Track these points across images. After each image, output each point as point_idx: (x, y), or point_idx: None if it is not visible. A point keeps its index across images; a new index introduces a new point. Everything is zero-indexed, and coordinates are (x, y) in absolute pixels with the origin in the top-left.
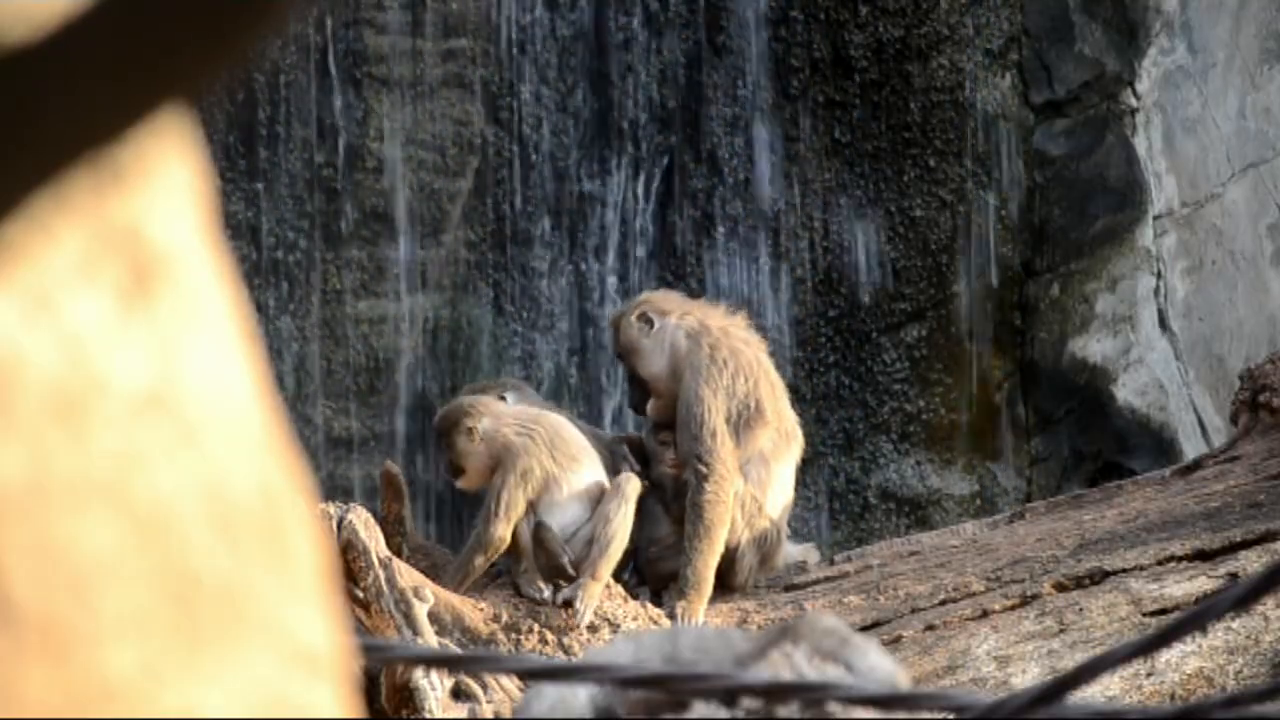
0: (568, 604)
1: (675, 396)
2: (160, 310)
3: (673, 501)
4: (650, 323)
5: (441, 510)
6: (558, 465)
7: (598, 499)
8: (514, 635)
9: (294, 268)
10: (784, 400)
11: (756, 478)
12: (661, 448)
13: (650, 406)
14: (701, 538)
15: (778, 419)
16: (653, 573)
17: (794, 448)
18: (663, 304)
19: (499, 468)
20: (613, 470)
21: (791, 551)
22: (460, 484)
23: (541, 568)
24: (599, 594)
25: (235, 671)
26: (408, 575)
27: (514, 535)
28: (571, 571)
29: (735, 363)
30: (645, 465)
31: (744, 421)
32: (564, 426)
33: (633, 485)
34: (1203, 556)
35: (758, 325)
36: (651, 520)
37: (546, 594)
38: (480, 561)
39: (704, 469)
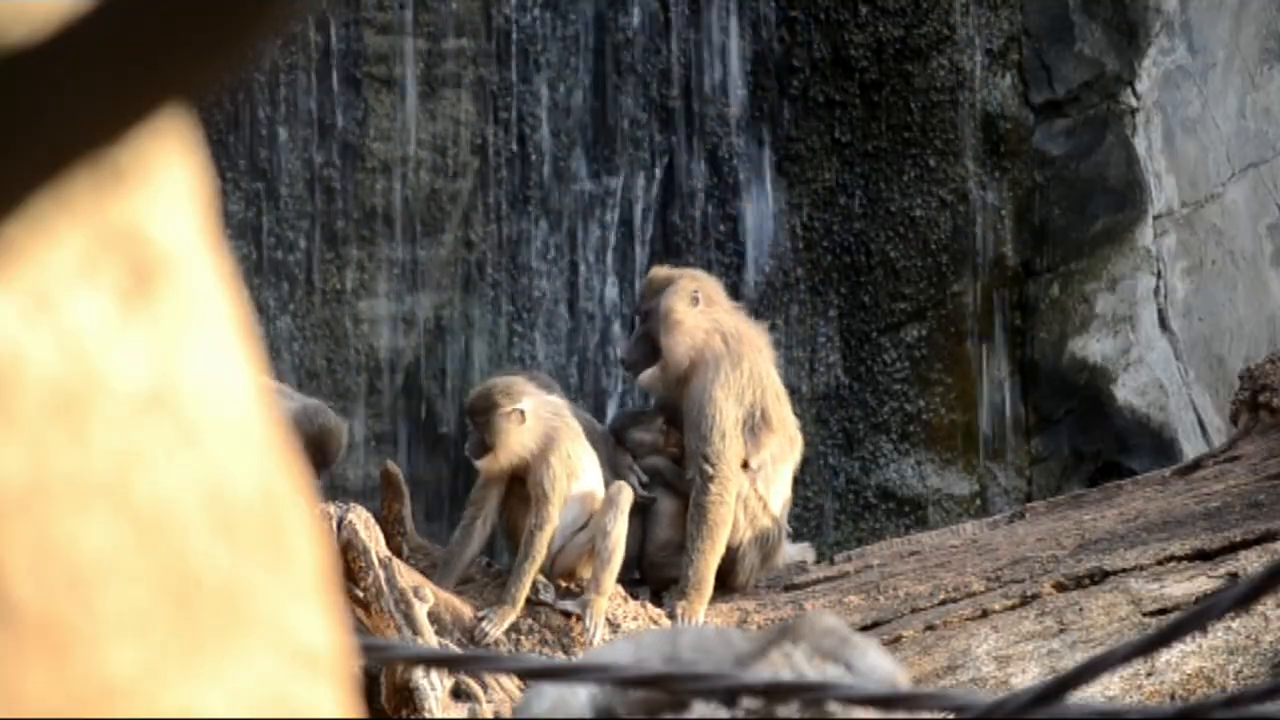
0: (568, 615)
1: (677, 380)
2: (160, 310)
3: (675, 480)
4: (697, 303)
5: (441, 510)
6: (575, 460)
7: (591, 503)
8: (514, 635)
9: (294, 268)
10: (787, 407)
11: (763, 479)
12: (659, 436)
13: (648, 375)
14: (704, 538)
15: (782, 425)
16: (655, 577)
17: (796, 451)
18: (713, 293)
19: (540, 452)
20: (614, 470)
21: (789, 551)
22: (483, 464)
23: (546, 569)
24: (605, 607)
25: (235, 671)
26: (408, 575)
27: (517, 534)
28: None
29: (750, 372)
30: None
31: (751, 428)
32: (578, 425)
33: (625, 495)
34: (1203, 556)
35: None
36: (654, 524)
37: (545, 595)
38: (544, 543)
39: (709, 469)
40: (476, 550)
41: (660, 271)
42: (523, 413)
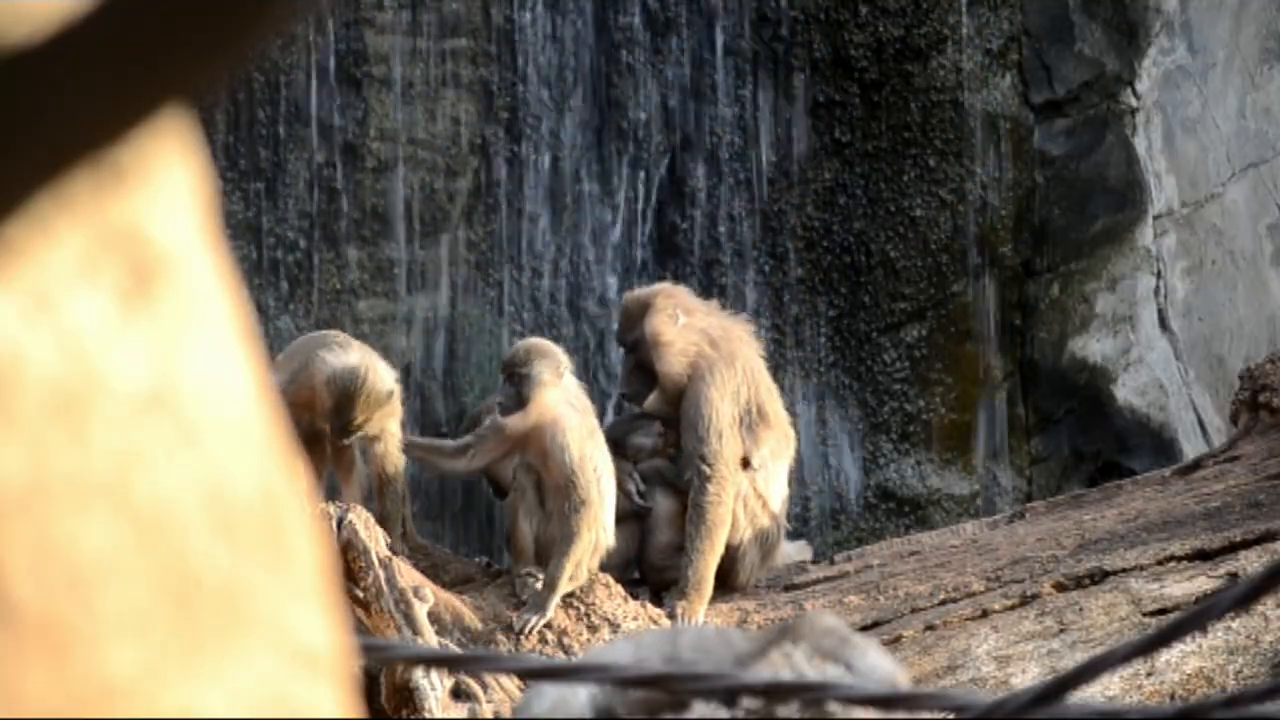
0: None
1: (679, 395)
2: (160, 310)
3: (674, 481)
4: (678, 320)
5: (441, 510)
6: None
7: None
8: (514, 635)
9: (294, 268)
10: (779, 402)
11: (762, 476)
12: (657, 439)
13: (652, 400)
14: (703, 538)
15: (779, 421)
16: (655, 578)
17: (790, 447)
18: (684, 301)
19: (560, 429)
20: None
21: (787, 550)
22: (513, 420)
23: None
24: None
25: (235, 671)
26: (408, 575)
27: (517, 532)
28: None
29: (743, 369)
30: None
31: (749, 426)
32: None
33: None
34: (1203, 556)
35: (758, 325)
36: (654, 526)
37: (525, 594)
38: (583, 524)
39: (707, 470)
40: (457, 468)
41: (633, 297)
42: (561, 373)
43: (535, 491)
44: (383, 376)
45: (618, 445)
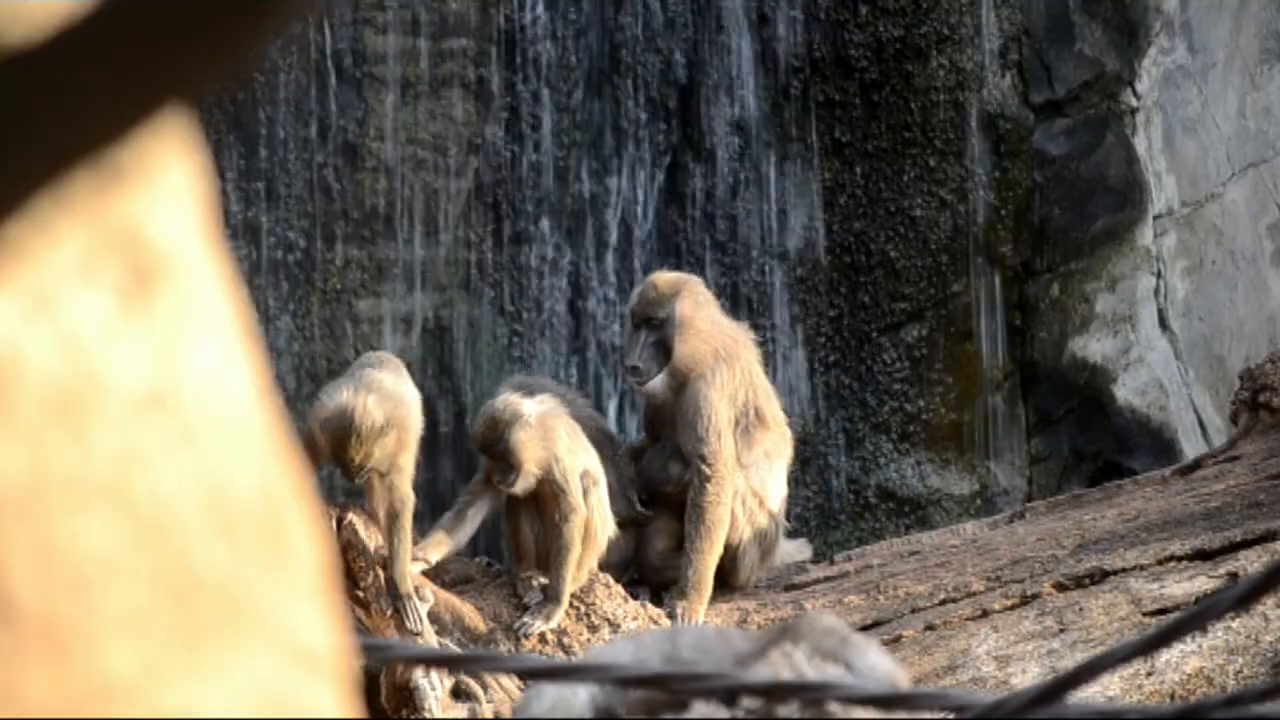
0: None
1: (684, 382)
2: (160, 310)
3: (675, 490)
4: (701, 309)
5: (441, 511)
6: (575, 442)
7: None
8: (514, 635)
9: (294, 268)
10: (776, 404)
11: (759, 476)
12: (664, 474)
13: (656, 383)
14: (703, 538)
15: (776, 423)
16: (655, 579)
17: (788, 447)
18: (709, 296)
19: (548, 448)
20: (616, 482)
21: (787, 548)
22: (518, 486)
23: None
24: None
25: (235, 671)
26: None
27: (519, 535)
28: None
29: (742, 372)
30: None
31: (745, 427)
32: (558, 406)
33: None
34: (1203, 556)
35: (758, 325)
36: (652, 534)
37: (528, 598)
38: (575, 534)
39: (706, 469)
40: (465, 539)
41: (664, 278)
42: (530, 420)
43: (532, 496)
44: (372, 412)
45: (650, 475)
